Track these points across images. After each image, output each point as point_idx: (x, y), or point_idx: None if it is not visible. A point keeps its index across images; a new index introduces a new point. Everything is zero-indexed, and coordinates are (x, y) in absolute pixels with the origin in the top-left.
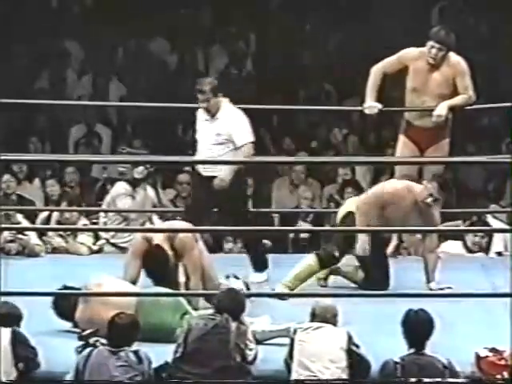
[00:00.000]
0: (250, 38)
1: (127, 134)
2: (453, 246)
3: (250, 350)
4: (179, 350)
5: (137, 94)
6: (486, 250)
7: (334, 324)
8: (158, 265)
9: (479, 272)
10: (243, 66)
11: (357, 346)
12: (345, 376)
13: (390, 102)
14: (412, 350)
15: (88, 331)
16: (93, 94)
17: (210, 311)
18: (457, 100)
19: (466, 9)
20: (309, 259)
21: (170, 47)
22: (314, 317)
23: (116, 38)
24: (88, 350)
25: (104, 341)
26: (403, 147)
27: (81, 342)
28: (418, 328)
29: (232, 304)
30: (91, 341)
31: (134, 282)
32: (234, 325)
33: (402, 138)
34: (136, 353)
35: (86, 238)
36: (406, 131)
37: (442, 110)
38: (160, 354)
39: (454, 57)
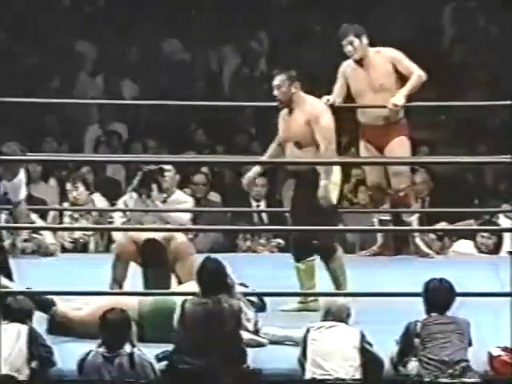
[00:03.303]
0: (262, 38)
1: (142, 134)
2: (464, 246)
3: (248, 320)
4: (179, 340)
5: (150, 94)
6: (494, 250)
7: (347, 323)
8: (155, 254)
9: (489, 271)
10: (256, 65)
11: (370, 345)
12: (358, 374)
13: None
14: (434, 314)
15: None
16: (106, 93)
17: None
18: (409, 84)
19: (478, 9)
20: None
21: (183, 47)
22: (327, 315)
23: (128, 38)
24: (84, 352)
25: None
26: (364, 152)
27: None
28: (441, 294)
29: (212, 276)
30: None
31: (120, 284)
32: (226, 306)
33: (362, 144)
34: (131, 357)
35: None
36: (363, 135)
37: (397, 99)
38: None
39: (382, 49)
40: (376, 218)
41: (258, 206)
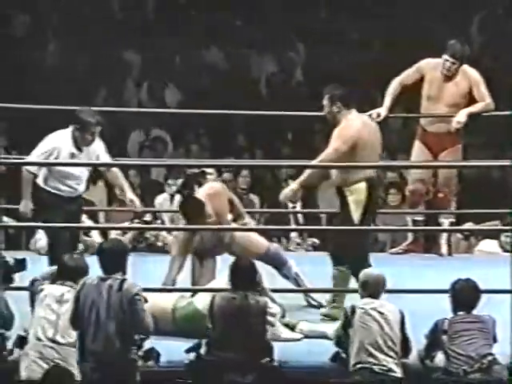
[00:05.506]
0: (299, 47)
1: (186, 139)
2: (489, 245)
3: (272, 315)
4: (207, 333)
5: (192, 101)
6: None
7: (381, 295)
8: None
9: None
10: (293, 74)
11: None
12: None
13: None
14: (461, 312)
15: None
16: (151, 100)
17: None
18: (475, 107)
19: (505, 17)
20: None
21: (222, 55)
22: (365, 287)
23: (173, 47)
24: (84, 279)
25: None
26: (418, 152)
27: None
28: (467, 294)
29: (242, 273)
30: None
31: (174, 280)
32: (252, 302)
33: (417, 144)
34: (121, 282)
35: None
36: (420, 137)
37: (461, 116)
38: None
39: (468, 69)
40: (410, 218)
41: (294, 207)
